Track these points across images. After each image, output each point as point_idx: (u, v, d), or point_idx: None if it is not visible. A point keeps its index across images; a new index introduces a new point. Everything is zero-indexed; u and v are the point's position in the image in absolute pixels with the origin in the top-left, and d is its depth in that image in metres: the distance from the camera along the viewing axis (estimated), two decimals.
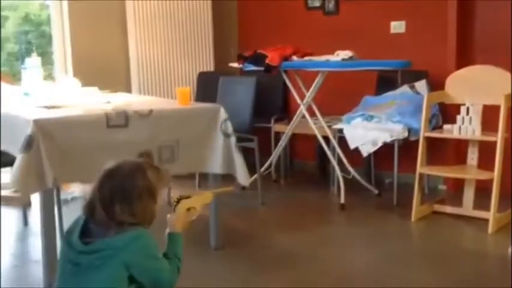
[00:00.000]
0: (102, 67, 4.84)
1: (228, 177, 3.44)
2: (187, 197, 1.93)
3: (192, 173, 4.38)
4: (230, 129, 3.09)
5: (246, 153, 3.22)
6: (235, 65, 4.54)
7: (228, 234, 3.36)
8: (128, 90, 4.93)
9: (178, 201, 1.90)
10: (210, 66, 5.38)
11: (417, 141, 3.76)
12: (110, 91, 3.99)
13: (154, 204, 1.75)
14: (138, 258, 1.68)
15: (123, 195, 1.69)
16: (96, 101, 3.32)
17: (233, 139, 3.09)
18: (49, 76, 4.76)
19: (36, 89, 3.55)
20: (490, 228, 3.41)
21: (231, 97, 4.25)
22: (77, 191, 4.53)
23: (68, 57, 4.84)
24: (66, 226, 3.41)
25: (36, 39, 5.26)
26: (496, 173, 3.43)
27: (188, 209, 1.91)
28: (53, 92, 3.56)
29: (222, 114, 3.10)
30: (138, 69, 5.06)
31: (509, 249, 3.09)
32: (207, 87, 5.03)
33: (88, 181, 1.78)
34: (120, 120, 2.81)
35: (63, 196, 3.90)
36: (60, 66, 4.85)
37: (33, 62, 3.67)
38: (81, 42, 4.84)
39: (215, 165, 3.10)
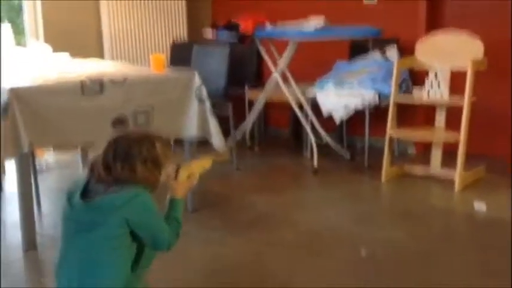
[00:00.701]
0: (73, 34, 4.79)
1: (203, 145, 3.51)
2: (187, 164, 2.00)
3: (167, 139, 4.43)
4: (205, 94, 3.14)
5: (221, 120, 3.28)
6: (209, 33, 4.55)
7: (204, 198, 3.44)
8: (100, 56, 4.90)
9: (178, 168, 1.95)
10: (183, 35, 5.38)
11: (388, 106, 3.86)
12: (82, 57, 3.98)
13: (159, 173, 1.82)
14: (136, 215, 1.74)
15: (127, 156, 1.77)
16: (70, 67, 3.32)
17: (208, 104, 3.14)
18: (20, 44, 4.71)
19: (8, 55, 3.53)
20: (457, 187, 3.55)
21: (205, 66, 4.27)
22: (51, 160, 4.55)
23: (39, 25, 4.77)
24: (42, 193, 3.48)
25: (6, 13, 5.17)
26: (462, 135, 3.55)
27: (188, 176, 1.96)
28: (24, 57, 3.55)
29: (197, 79, 3.14)
30: (111, 37, 5.02)
31: (475, 205, 3.23)
32: (180, 57, 5.02)
33: (63, 146, 1.82)
34: (95, 88, 2.83)
35: (38, 164, 3.91)
36: (31, 33, 4.79)
37: (3, 28, 3.64)
38: (52, 9, 4.77)
39: (190, 130, 3.15)
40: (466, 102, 3.53)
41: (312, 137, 4.27)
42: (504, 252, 2.67)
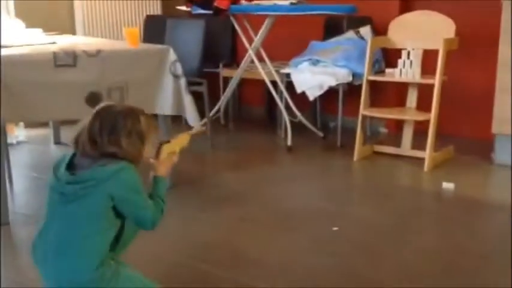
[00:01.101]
0: (45, 9, 4.71)
1: (176, 120, 3.50)
2: (167, 142, 1.99)
3: None
4: (180, 70, 3.12)
5: (195, 97, 3.27)
6: (183, 8, 4.51)
7: (178, 175, 3.42)
8: (73, 33, 4.83)
9: (160, 146, 1.94)
10: (157, 9, 5.31)
11: (361, 85, 3.90)
12: (55, 33, 3.92)
13: (143, 147, 1.81)
14: (121, 189, 1.73)
15: (112, 128, 1.75)
16: (42, 41, 3.27)
17: (183, 80, 3.13)
18: None
19: None
20: (426, 166, 3.63)
21: (179, 41, 4.23)
22: (22, 135, 4.49)
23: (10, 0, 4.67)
24: (12, 168, 3.44)
25: None
26: (433, 115, 3.62)
27: (169, 154, 1.97)
28: None
29: (172, 55, 3.12)
30: (83, 12, 4.95)
31: (443, 184, 3.31)
32: (154, 31, 4.97)
33: (36, 120, 1.79)
34: (68, 60, 2.79)
35: (8, 140, 3.86)
36: (3, 9, 4.68)
37: None
38: None
39: (165, 106, 3.14)
40: (437, 81, 3.59)
41: (286, 116, 4.29)
42: (469, 228, 2.76)
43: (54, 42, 3.26)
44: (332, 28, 4.65)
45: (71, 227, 1.72)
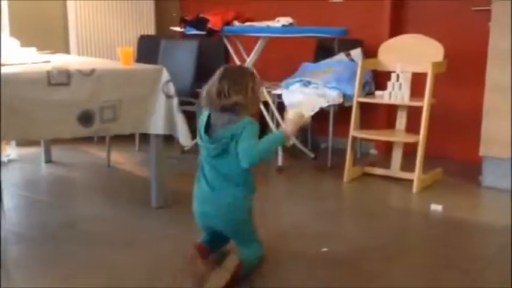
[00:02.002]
0: (39, 28, 4.75)
1: (169, 140, 3.53)
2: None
3: (132, 135, 4.43)
4: (172, 90, 3.16)
5: (188, 117, 3.30)
6: (177, 28, 4.56)
7: (170, 195, 3.45)
8: (66, 52, 4.86)
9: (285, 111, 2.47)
10: (151, 30, 5.37)
11: (351, 107, 3.95)
12: (49, 52, 3.95)
13: (258, 99, 2.44)
14: (245, 132, 2.28)
15: (240, 85, 2.29)
16: (36, 60, 3.30)
17: (175, 100, 3.16)
18: None
19: None
20: (415, 188, 3.67)
21: (173, 61, 4.28)
22: (13, 154, 4.49)
23: (3, 18, 4.70)
24: (3, 186, 3.42)
25: None
26: (421, 137, 3.67)
27: (297, 115, 2.40)
28: None
29: (165, 75, 3.15)
30: (77, 31, 4.99)
31: (431, 206, 3.35)
32: (148, 51, 5.02)
33: (30, 138, 1.84)
34: (62, 79, 2.82)
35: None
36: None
37: None
38: (19, 3, 4.71)
39: (157, 126, 3.16)
40: (425, 104, 3.65)
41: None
42: (457, 248, 2.80)
43: (48, 61, 3.29)
44: (323, 50, 4.71)
45: (221, 172, 2.36)
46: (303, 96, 4.24)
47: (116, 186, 3.86)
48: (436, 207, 3.32)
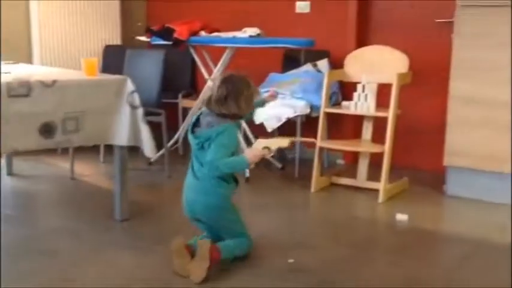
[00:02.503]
0: (1, 38, 4.64)
1: (134, 151, 3.48)
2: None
3: (97, 146, 4.36)
4: (137, 101, 3.12)
5: (153, 128, 3.26)
6: (143, 38, 4.52)
7: (134, 207, 3.40)
8: (30, 62, 4.77)
9: (256, 139, 2.60)
10: (117, 39, 5.31)
11: (318, 117, 3.96)
12: (11, 62, 3.87)
13: (253, 105, 2.64)
14: (221, 136, 2.46)
15: (236, 93, 2.48)
16: None
17: (140, 111, 3.12)
18: None
19: None
20: (380, 198, 3.69)
21: (138, 71, 4.23)
22: None
23: None
24: None
25: None
26: (387, 147, 3.70)
27: (263, 148, 2.49)
28: None
29: (129, 85, 3.11)
30: (41, 41, 4.90)
31: (397, 216, 3.37)
32: (113, 61, 4.96)
33: None
34: (22, 90, 2.76)
35: None
36: None
37: None
38: None
39: (121, 137, 3.12)
40: (390, 114, 3.69)
41: (244, 146, 4.31)
42: (422, 258, 2.82)
43: (8, 72, 3.22)
44: (290, 61, 4.73)
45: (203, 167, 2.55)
46: (270, 107, 4.23)
47: (79, 199, 3.78)
48: (401, 217, 3.35)
